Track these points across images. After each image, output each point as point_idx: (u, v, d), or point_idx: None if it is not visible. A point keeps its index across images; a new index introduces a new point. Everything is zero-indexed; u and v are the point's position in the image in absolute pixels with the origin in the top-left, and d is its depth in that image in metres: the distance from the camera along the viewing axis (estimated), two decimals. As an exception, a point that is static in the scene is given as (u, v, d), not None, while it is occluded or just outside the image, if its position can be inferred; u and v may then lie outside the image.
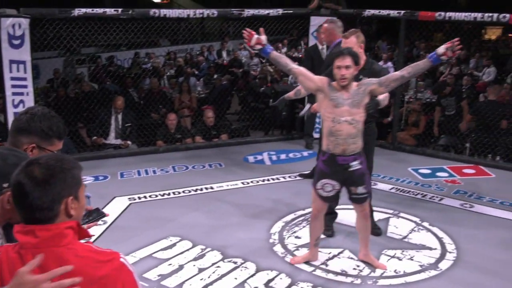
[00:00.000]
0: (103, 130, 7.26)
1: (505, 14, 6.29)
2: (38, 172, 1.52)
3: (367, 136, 4.47)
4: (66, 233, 1.53)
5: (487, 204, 5.44)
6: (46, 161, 1.54)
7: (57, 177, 1.53)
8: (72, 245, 1.54)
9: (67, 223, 1.55)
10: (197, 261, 4.16)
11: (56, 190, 1.53)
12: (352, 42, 4.28)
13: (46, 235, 1.51)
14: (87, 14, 6.39)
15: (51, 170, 1.53)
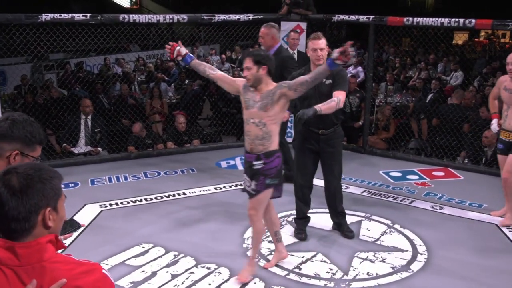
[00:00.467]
0: (73, 136, 7.15)
1: (471, 19, 6.42)
2: (15, 181, 1.48)
3: (335, 139, 4.53)
4: (46, 247, 1.50)
5: (456, 206, 5.53)
6: (24, 170, 1.51)
7: (34, 187, 1.50)
8: (54, 258, 1.51)
9: (47, 237, 1.51)
10: (170, 267, 4.12)
11: (34, 201, 1.49)
12: (324, 44, 4.37)
13: (26, 253, 1.48)
14: (55, 19, 6.29)
15: (29, 180, 1.49)
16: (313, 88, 4.32)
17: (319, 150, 4.54)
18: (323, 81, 4.35)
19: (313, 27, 7.85)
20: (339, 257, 4.34)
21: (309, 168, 4.65)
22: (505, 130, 4.95)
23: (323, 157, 4.59)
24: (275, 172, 3.83)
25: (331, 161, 4.58)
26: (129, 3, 23.87)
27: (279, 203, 5.32)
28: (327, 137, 4.50)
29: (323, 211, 4.96)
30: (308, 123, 4.42)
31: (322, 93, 4.39)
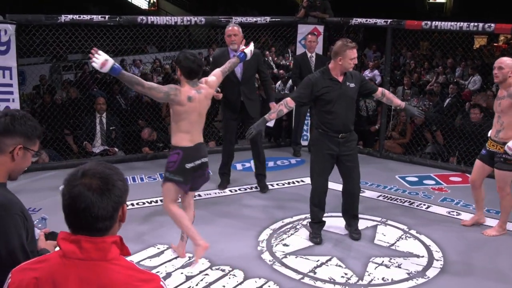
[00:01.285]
0: (90, 137, 7.21)
1: (490, 23, 6.36)
2: (97, 182, 1.51)
3: (352, 141, 4.60)
4: (111, 248, 1.52)
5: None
6: (101, 170, 1.54)
7: (116, 185, 1.54)
8: (117, 260, 1.53)
9: (112, 237, 1.54)
10: (185, 269, 4.13)
11: (117, 198, 1.54)
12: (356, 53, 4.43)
13: (92, 248, 1.50)
14: (74, 20, 6.36)
15: (109, 178, 1.53)
16: (338, 92, 4.33)
17: (338, 154, 4.53)
18: (348, 84, 4.38)
19: (330, 30, 7.84)
20: (354, 262, 4.31)
21: (328, 173, 4.64)
22: (489, 138, 4.76)
23: (343, 160, 4.57)
24: (171, 166, 4.02)
25: (352, 163, 4.59)
26: (147, 5, 24.01)
27: (295, 207, 5.32)
28: (346, 140, 4.50)
29: (338, 215, 4.94)
30: (327, 128, 4.45)
31: (348, 95, 4.45)
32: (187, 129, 4.00)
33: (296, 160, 7.25)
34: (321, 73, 4.48)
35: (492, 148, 4.68)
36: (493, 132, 4.68)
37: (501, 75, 4.51)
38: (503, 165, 4.61)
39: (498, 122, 4.61)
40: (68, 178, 1.54)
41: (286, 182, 6.27)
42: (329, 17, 7.68)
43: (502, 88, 4.57)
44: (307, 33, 7.41)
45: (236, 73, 5.62)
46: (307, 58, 7.15)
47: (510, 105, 4.48)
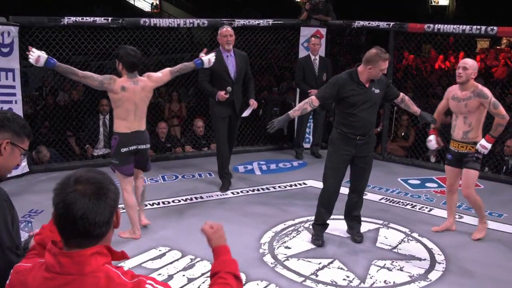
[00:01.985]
0: (93, 138, 7.22)
1: (493, 26, 6.36)
2: (92, 188, 1.49)
3: (371, 143, 4.67)
4: (89, 260, 1.48)
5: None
6: (93, 176, 1.52)
7: (109, 189, 1.52)
8: (97, 272, 1.49)
9: (92, 248, 1.50)
10: (186, 271, 4.13)
11: (112, 202, 1.52)
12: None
13: (68, 262, 1.48)
14: (77, 22, 6.38)
15: (102, 183, 1.52)
16: (362, 96, 4.34)
17: (355, 155, 4.53)
18: (373, 90, 4.39)
19: (333, 33, 7.85)
20: (356, 265, 4.31)
21: (342, 175, 4.63)
22: (454, 140, 4.74)
23: (358, 162, 4.57)
24: (111, 151, 4.59)
25: (365, 165, 4.61)
26: (149, 7, 24.05)
27: (297, 209, 5.31)
28: (364, 142, 4.50)
29: (340, 218, 4.94)
30: (346, 130, 4.47)
31: (372, 101, 4.47)
32: (123, 116, 4.45)
33: (298, 162, 7.24)
34: (349, 75, 4.45)
35: (461, 150, 4.68)
36: (459, 134, 4.67)
37: (465, 76, 4.50)
38: (474, 164, 4.65)
39: (465, 123, 4.62)
40: (59, 186, 1.51)
41: (288, 185, 6.27)
42: (331, 20, 7.68)
43: (464, 90, 4.56)
44: (310, 35, 7.42)
45: (230, 73, 5.78)
46: (311, 61, 7.16)
47: (478, 104, 4.52)
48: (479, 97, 4.50)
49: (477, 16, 17.55)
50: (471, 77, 4.53)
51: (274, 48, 10.71)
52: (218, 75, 5.73)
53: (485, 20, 9.09)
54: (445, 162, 4.99)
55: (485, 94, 4.50)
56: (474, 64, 4.56)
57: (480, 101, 4.51)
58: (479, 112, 4.57)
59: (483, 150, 4.58)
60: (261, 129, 8.04)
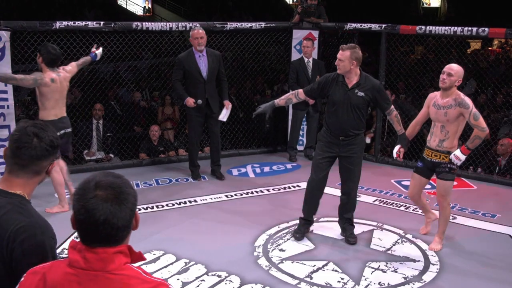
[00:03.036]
0: (85, 143, 7.19)
1: (484, 28, 6.40)
2: (112, 192, 1.51)
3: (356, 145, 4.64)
4: (112, 258, 1.51)
5: (469, 215, 5.49)
6: (113, 181, 1.54)
7: (129, 193, 1.55)
8: (120, 270, 1.52)
9: (116, 248, 1.53)
10: (181, 275, 4.12)
11: (131, 206, 1.55)
12: (344, 55, 4.44)
13: (93, 258, 1.50)
14: (69, 27, 6.36)
15: (121, 188, 1.54)
16: (343, 96, 4.37)
17: (338, 154, 4.58)
18: (356, 92, 4.44)
19: (325, 35, 7.86)
20: (351, 267, 4.31)
21: (323, 171, 4.68)
22: (429, 148, 4.51)
23: (343, 162, 4.63)
24: None
25: (350, 166, 4.63)
26: (142, 11, 24.03)
27: (291, 212, 5.31)
28: (348, 142, 4.54)
29: (335, 220, 4.94)
30: (330, 129, 4.53)
31: (351, 103, 4.48)
32: (53, 105, 5.08)
33: (292, 165, 7.25)
34: (336, 75, 4.57)
35: (434, 159, 4.48)
36: (434, 142, 4.47)
37: (449, 82, 4.30)
38: (448, 175, 4.45)
39: (441, 132, 4.41)
40: (79, 192, 1.52)
41: (282, 187, 6.28)
42: (323, 22, 7.70)
43: (446, 97, 4.36)
44: (302, 38, 7.43)
45: (202, 73, 6.08)
46: (304, 63, 7.17)
47: (458, 114, 4.31)
48: (460, 106, 4.28)
49: (468, 17, 17.67)
50: (455, 84, 4.33)
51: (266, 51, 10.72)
52: (190, 75, 6.11)
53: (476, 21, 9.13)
54: (413, 170, 4.74)
55: (466, 104, 4.28)
56: (460, 70, 4.33)
57: (461, 111, 4.30)
58: (457, 122, 4.36)
59: (457, 161, 4.36)
60: (254, 132, 8.05)
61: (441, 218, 4.63)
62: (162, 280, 1.57)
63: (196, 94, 6.07)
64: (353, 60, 4.41)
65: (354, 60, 4.42)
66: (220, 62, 6.29)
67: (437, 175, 4.52)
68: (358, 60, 4.46)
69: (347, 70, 4.44)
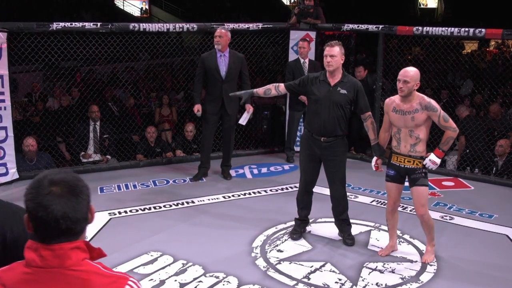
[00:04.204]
0: (83, 144, 7.19)
1: (481, 29, 6.41)
2: (67, 187, 1.50)
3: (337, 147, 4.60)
4: (69, 254, 1.49)
5: (466, 216, 5.49)
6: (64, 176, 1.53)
7: (83, 185, 1.55)
8: (78, 266, 1.50)
9: (72, 243, 1.51)
10: (178, 276, 4.12)
11: (87, 198, 1.54)
12: (336, 51, 4.42)
13: (50, 255, 1.48)
14: (66, 28, 6.35)
15: (74, 181, 1.53)
16: (325, 94, 4.38)
17: (320, 156, 4.60)
18: (338, 90, 4.42)
19: (323, 36, 7.87)
20: (348, 267, 4.31)
21: (310, 173, 4.70)
22: (399, 154, 4.29)
23: (326, 165, 4.66)
24: None
25: (333, 169, 4.63)
26: (139, 12, 24.02)
27: (288, 212, 5.31)
28: (329, 145, 4.53)
29: (332, 220, 4.94)
30: (312, 130, 4.50)
31: (334, 100, 4.46)
32: None
33: (289, 166, 7.25)
34: (319, 74, 4.59)
35: (408, 165, 4.26)
36: (406, 147, 4.25)
37: (407, 89, 4.11)
38: (424, 180, 4.27)
39: (411, 136, 4.21)
40: (32, 191, 1.50)
41: (279, 188, 6.28)
42: (321, 23, 7.71)
43: (407, 101, 4.17)
44: (299, 39, 7.44)
45: (221, 72, 6.13)
46: (300, 64, 7.17)
47: (426, 117, 4.16)
48: (427, 110, 4.13)
49: (466, 18, 17.69)
50: (414, 89, 4.13)
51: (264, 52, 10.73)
52: (209, 73, 6.19)
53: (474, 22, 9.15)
54: (385, 179, 4.48)
55: (434, 107, 4.14)
56: (415, 74, 4.13)
57: (428, 114, 4.14)
58: (426, 125, 4.20)
59: (433, 166, 4.21)
60: (252, 133, 8.05)
61: (426, 229, 4.42)
62: (123, 274, 1.55)
63: (213, 93, 6.17)
64: (342, 55, 4.45)
65: (343, 55, 4.46)
66: (243, 65, 6.34)
67: (414, 183, 4.29)
68: (344, 56, 4.50)
69: (338, 66, 4.45)
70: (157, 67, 12.16)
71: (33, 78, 9.23)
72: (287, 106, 7.66)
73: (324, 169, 4.71)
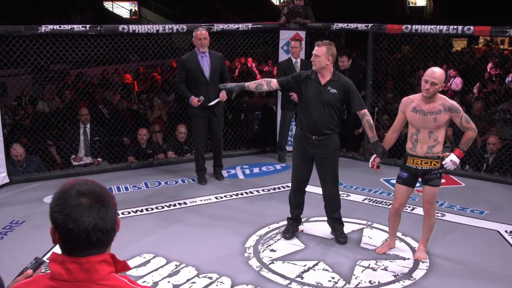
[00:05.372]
0: (73, 147, 7.15)
1: (469, 26, 6.45)
2: (95, 197, 1.49)
3: (329, 146, 4.58)
4: (97, 268, 1.47)
5: (457, 212, 5.52)
6: (91, 187, 1.52)
7: (109, 195, 1.54)
8: (105, 280, 1.47)
9: (99, 256, 1.48)
10: (171, 277, 4.11)
11: (115, 208, 1.54)
12: (321, 51, 4.43)
13: (76, 269, 1.46)
14: (55, 30, 6.31)
15: (101, 192, 1.52)
16: (315, 92, 4.39)
17: (312, 155, 4.59)
18: (328, 89, 4.43)
19: (312, 36, 7.88)
20: (341, 266, 4.32)
21: (302, 172, 4.71)
22: (415, 156, 4.24)
23: (317, 163, 4.66)
24: None
25: (325, 167, 4.63)
26: (128, 14, 23.95)
27: (281, 212, 5.32)
28: (321, 143, 4.53)
29: (324, 219, 4.95)
30: (304, 128, 4.49)
31: (323, 99, 4.46)
32: None
33: (281, 165, 7.25)
34: (310, 72, 4.59)
35: (425, 166, 4.22)
36: (423, 149, 4.20)
37: (433, 91, 4.07)
38: (438, 180, 4.27)
39: (430, 138, 4.16)
40: (59, 202, 1.47)
41: (271, 188, 6.28)
42: (310, 23, 7.72)
43: (429, 102, 4.12)
44: (289, 39, 7.44)
45: (205, 73, 6.10)
46: (292, 64, 7.17)
47: (449, 119, 4.14)
48: (450, 111, 4.10)
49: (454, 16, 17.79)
50: (439, 90, 4.12)
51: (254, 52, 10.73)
52: (193, 76, 6.11)
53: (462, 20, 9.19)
54: (396, 181, 4.44)
55: (457, 109, 4.12)
56: (442, 76, 4.08)
57: (451, 116, 4.12)
58: (445, 127, 4.19)
59: (453, 166, 4.18)
60: (243, 133, 8.05)
61: (427, 226, 4.44)
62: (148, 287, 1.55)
63: (198, 95, 6.09)
64: (329, 56, 4.43)
65: (330, 56, 4.44)
66: (223, 64, 6.31)
67: (427, 182, 4.29)
68: (334, 56, 4.49)
69: (322, 66, 4.45)
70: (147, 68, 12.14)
71: (22, 81, 9.19)
72: (278, 106, 7.66)
73: (316, 168, 4.71)
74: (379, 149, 4.48)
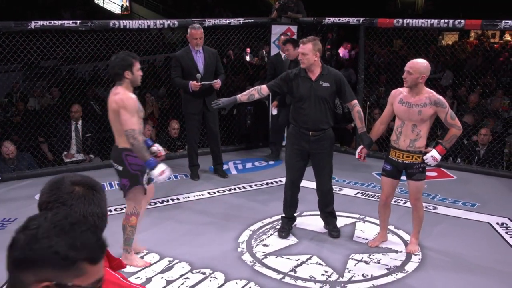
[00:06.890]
0: (65, 144, 7.12)
1: (460, 20, 6.47)
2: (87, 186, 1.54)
3: (325, 141, 4.58)
4: None
5: (449, 205, 5.55)
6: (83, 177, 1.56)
7: (100, 184, 1.61)
8: None
9: None
10: (165, 273, 4.11)
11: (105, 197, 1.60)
12: (307, 48, 4.39)
13: None
14: (45, 26, 6.27)
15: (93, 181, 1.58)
16: (308, 89, 4.39)
17: (309, 150, 4.57)
18: (320, 83, 4.42)
19: (304, 30, 7.88)
20: (334, 259, 4.34)
21: (298, 169, 4.69)
22: (397, 149, 4.26)
23: (313, 158, 4.64)
24: None
25: (321, 162, 4.63)
26: (119, 9, 23.83)
27: (274, 207, 5.32)
28: (317, 138, 4.53)
29: (317, 214, 4.96)
30: (299, 125, 4.48)
31: (317, 94, 4.45)
32: None
33: (274, 160, 7.25)
34: (298, 70, 4.57)
35: (406, 160, 4.24)
36: (405, 142, 4.21)
37: (410, 80, 4.08)
38: (421, 175, 4.29)
39: (413, 131, 4.18)
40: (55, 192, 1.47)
41: (264, 183, 6.29)
42: (302, 17, 7.71)
43: (416, 94, 4.14)
44: (280, 33, 7.44)
45: (199, 69, 6.07)
46: (281, 58, 7.16)
47: (433, 113, 4.13)
48: (436, 105, 4.10)
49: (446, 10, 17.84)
50: (419, 81, 4.09)
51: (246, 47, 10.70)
52: (188, 72, 6.07)
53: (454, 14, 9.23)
54: (381, 173, 4.49)
55: (443, 103, 4.12)
56: (420, 67, 4.08)
57: (436, 110, 4.11)
58: (430, 121, 4.18)
59: (433, 162, 4.17)
60: (236, 128, 8.04)
61: (416, 219, 4.45)
62: (141, 286, 1.55)
63: (192, 92, 6.03)
64: (316, 52, 4.42)
65: (317, 51, 4.43)
66: (217, 60, 6.30)
67: (410, 177, 4.31)
68: (320, 51, 4.48)
69: (311, 63, 4.44)
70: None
71: (13, 78, 9.12)
72: (270, 102, 7.65)
73: (311, 163, 4.71)
74: (366, 140, 4.50)
